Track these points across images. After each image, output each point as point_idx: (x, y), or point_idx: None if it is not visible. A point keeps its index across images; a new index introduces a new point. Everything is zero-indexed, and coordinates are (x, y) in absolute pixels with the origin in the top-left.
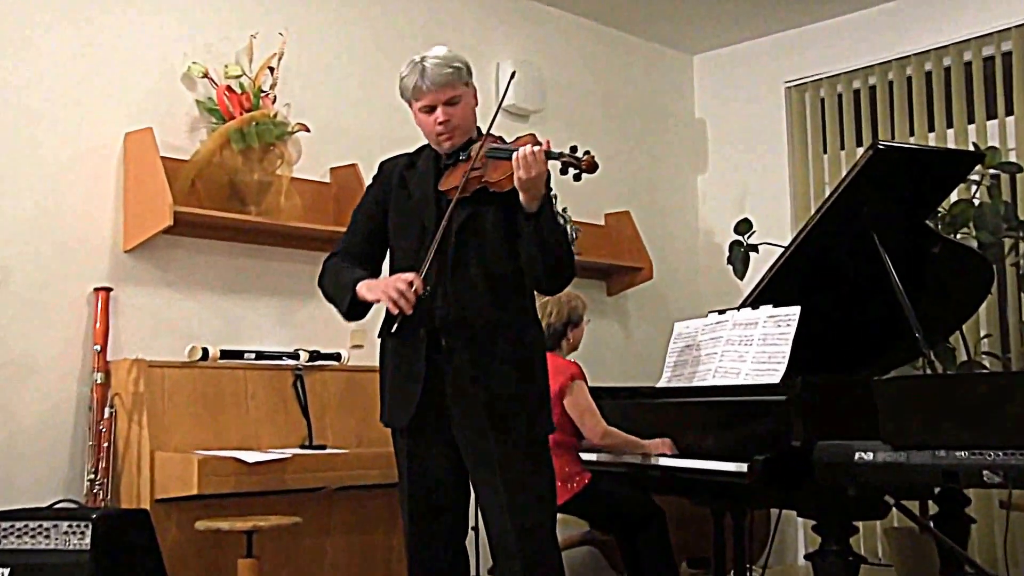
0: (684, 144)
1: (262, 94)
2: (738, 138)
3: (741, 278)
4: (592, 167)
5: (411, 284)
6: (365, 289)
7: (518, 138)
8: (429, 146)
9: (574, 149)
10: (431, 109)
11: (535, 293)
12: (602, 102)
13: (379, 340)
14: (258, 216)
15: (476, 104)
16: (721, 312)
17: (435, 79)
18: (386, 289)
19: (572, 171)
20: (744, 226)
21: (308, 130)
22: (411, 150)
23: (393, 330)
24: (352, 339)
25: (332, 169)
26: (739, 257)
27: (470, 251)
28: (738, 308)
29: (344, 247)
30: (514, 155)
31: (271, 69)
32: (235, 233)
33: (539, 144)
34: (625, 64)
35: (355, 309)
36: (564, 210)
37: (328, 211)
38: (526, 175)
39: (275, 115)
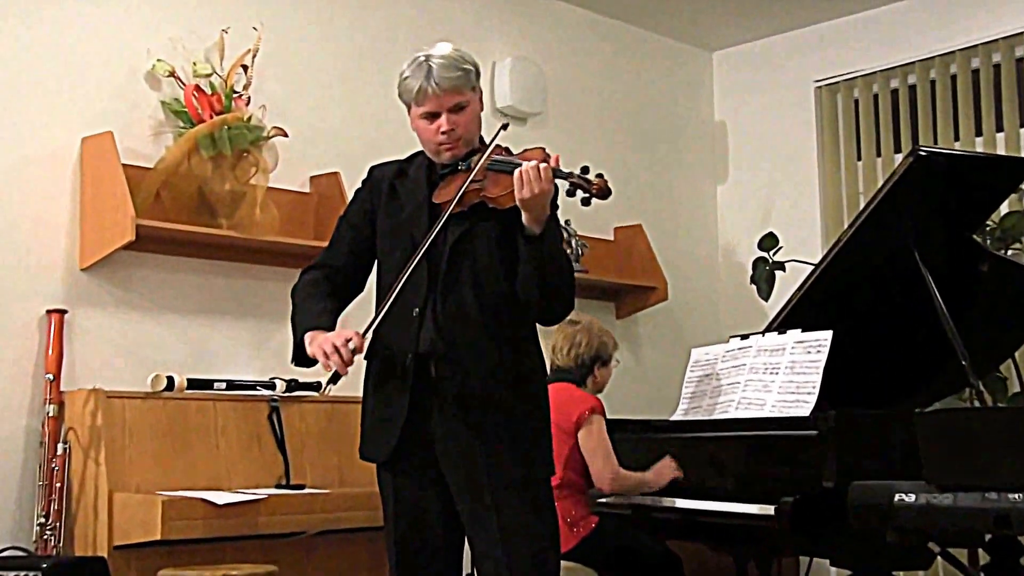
0: (702, 150)
1: (235, 95)
2: (762, 143)
3: (766, 299)
4: (604, 193)
5: (348, 341)
6: (308, 341)
7: (525, 151)
8: (423, 153)
9: (585, 170)
10: (434, 116)
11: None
12: (610, 104)
13: (364, 365)
14: (230, 230)
15: (482, 109)
16: (744, 337)
17: (443, 82)
18: (322, 345)
19: (581, 194)
20: (769, 241)
21: (286, 135)
22: (401, 157)
23: (323, 387)
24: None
25: (312, 178)
26: (764, 276)
27: (463, 271)
28: (763, 333)
29: (325, 259)
30: (516, 171)
31: (245, 67)
32: (204, 249)
33: (547, 160)
34: (635, 62)
35: (301, 358)
36: (568, 223)
37: (308, 224)
38: (528, 194)
39: (249, 118)
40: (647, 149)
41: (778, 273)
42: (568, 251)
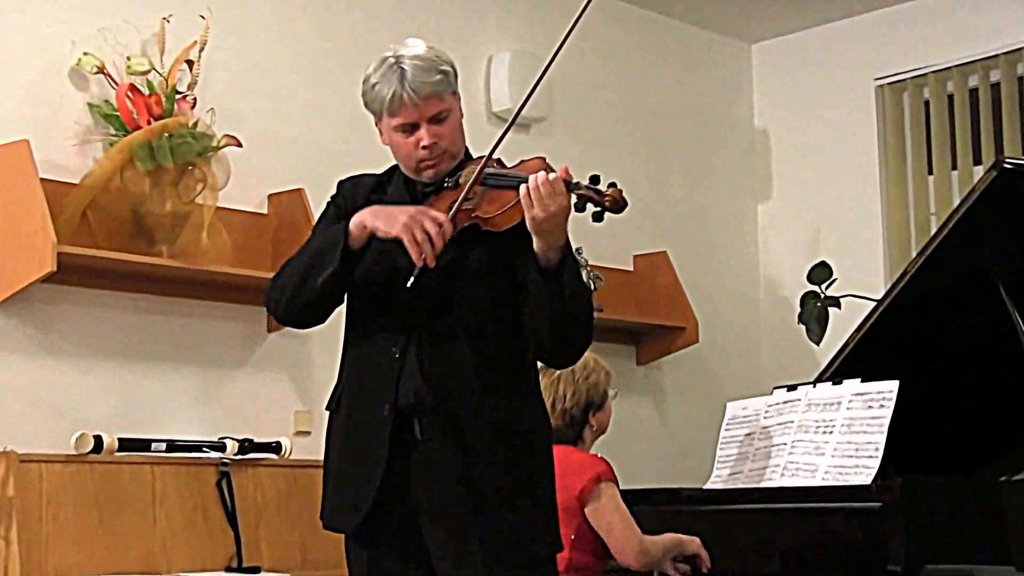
0: (740, 163)
1: (177, 96)
2: (812, 154)
3: (818, 342)
4: (618, 205)
5: (441, 226)
6: (372, 217)
7: (522, 162)
8: (400, 171)
9: (595, 180)
10: (411, 128)
11: (538, 364)
12: (628, 107)
13: (327, 417)
14: (171, 259)
15: (462, 117)
16: (791, 388)
17: (421, 88)
18: (411, 225)
19: (591, 208)
20: (821, 272)
21: (239, 144)
22: (377, 171)
23: (408, 284)
24: (296, 423)
25: (271, 196)
26: (815, 314)
27: (454, 306)
28: (814, 383)
29: (302, 251)
30: (524, 186)
31: (190, 62)
32: (140, 282)
33: (550, 169)
34: (659, 56)
35: (350, 256)
36: (579, 251)
37: (265, 251)
38: (542, 212)
39: (195, 124)
40: (674, 161)
41: (832, 311)
42: None
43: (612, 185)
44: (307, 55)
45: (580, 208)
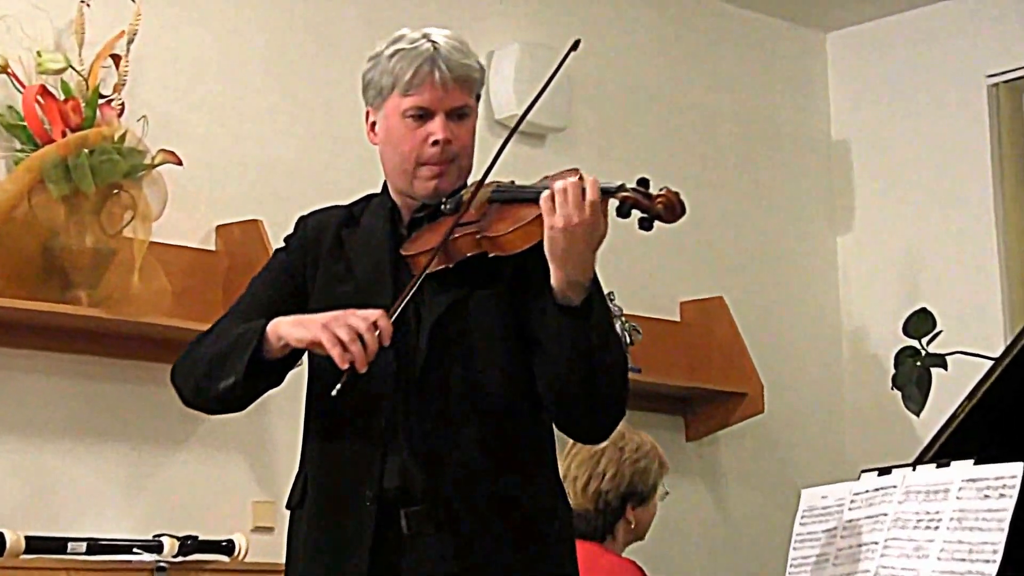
0: (813, 183)
1: (101, 101)
2: (906, 171)
3: (918, 412)
4: (673, 210)
5: (374, 325)
6: (290, 325)
7: (545, 178)
8: (381, 195)
9: (644, 183)
10: (424, 116)
11: (554, 434)
12: (670, 114)
13: (289, 515)
14: (93, 308)
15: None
16: (884, 472)
17: (454, 66)
18: (331, 325)
19: (637, 214)
20: (921, 323)
21: (179, 162)
22: (348, 193)
23: (334, 392)
24: (254, 516)
25: (220, 228)
26: (913, 376)
27: (451, 366)
28: (913, 465)
29: (223, 326)
30: (543, 194)
31: (116, 59)
32: (54, 336)
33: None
34: (709, 49)
35: (259, 368)
36: (610, 296)
37: (213, 298)
38: (563, 223)
39: (122, 137)
40: (729, 183)
41: (936, 372)
42: None
43: (664, 188)
44: (267, 50)
45: (624, 212)
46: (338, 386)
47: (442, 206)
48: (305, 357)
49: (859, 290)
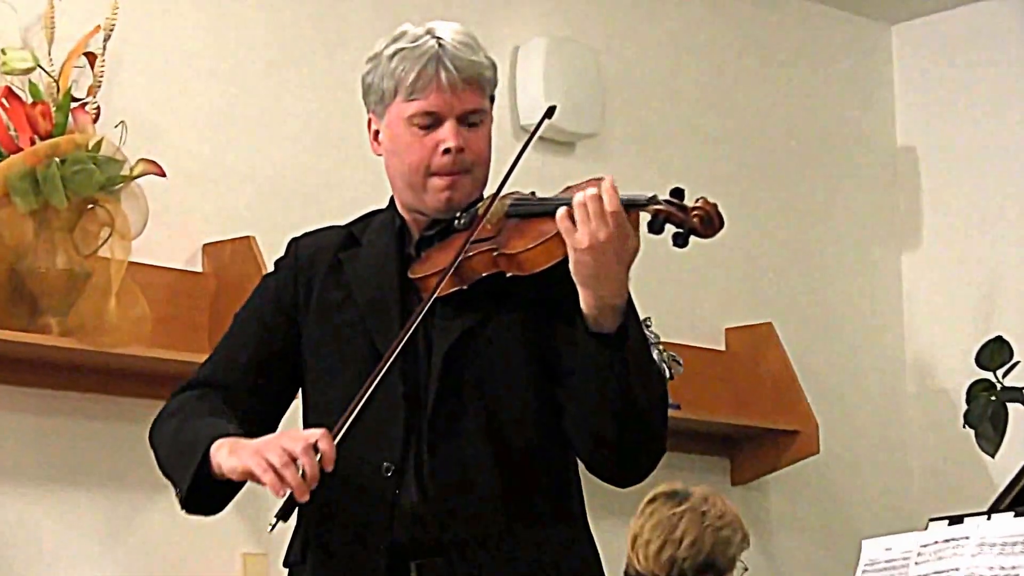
0: (875, 196)
1: (74, 105)
2: (980, 181)
3: (992, 453)
4: (710, 223)
5: (313, 447)
6: (226, 452)
7: (569, 188)
8: (385, 211)
9: (678, 194)
10: (433, 122)
11: (580, 476)
12: (713, 120)
13: (287, 572)
14: (65, 337)
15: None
16: (955, 521)
17: (462, 66)
18: (263, 451)
19: (671, 228)
20: (996, 352)
21: (162, 173)
22: (346, 217)
23: (271, 524)
24: (245, 570)
25: (208, 247)
26: (988, 412)
27: (468, 400)
28: (988, 513)
29: (208, 375)
30: (560, 210)
31: (91, 58)
32: (20, 369)
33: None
34: (757, 44)
35: (202, 490)
36: (647, 323)
37: (199, 326)
38: (588, 239)
39: (98, 145)
40: (781, 195)
41: (1013, 407)
42: None
43: (700, 198)
44: (263, 47)
45: (657, 228)
46: (272, 520)
47: (455, 221)
48: (299, 398)
49: (926, 315)
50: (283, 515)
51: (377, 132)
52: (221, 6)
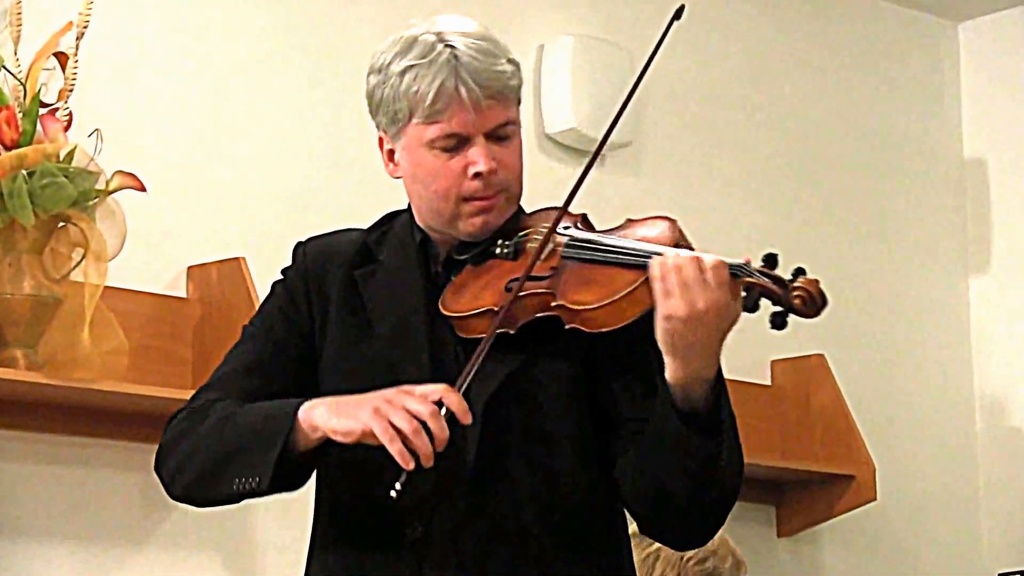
0: (940, 213)
1: (43, 111)
2: None
3: None
4: (813, 304)
5: (438, 405)
6: (328, 411)
7: (629, 221)
8: (402, 216)
9: (771, 261)
10: (458, 144)
11: (627, 530)
12: (759, 129)
13: None
14: (33, 371)
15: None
16: None
17: (485, 80)
18: (385, 411)
19: (771, 306)
20: None
21: (142, 187)
22: (357, 225)
23: (393, 493)
24: None
25: (192, 269)
26: None
27: (512, 456)
28: None
29: (217, 396)
30: (656, 264)
31: (62, 58)
32: None
33: (684, 239)
34: (807, 44)
35: (290, 466)
36: None
37: (182, 358)
38: (686, 309)
39: (70, 155)
40: (835, 212)
41: None
42: None
43: (800, 272)
44: (254, 48)
45: (751, 306)
46: (397, 486)
47: (497, 249)
48: (326, 378)
49: (997, 346)
50: (405, 487)
51: (392, 152)
52: (209, 5)
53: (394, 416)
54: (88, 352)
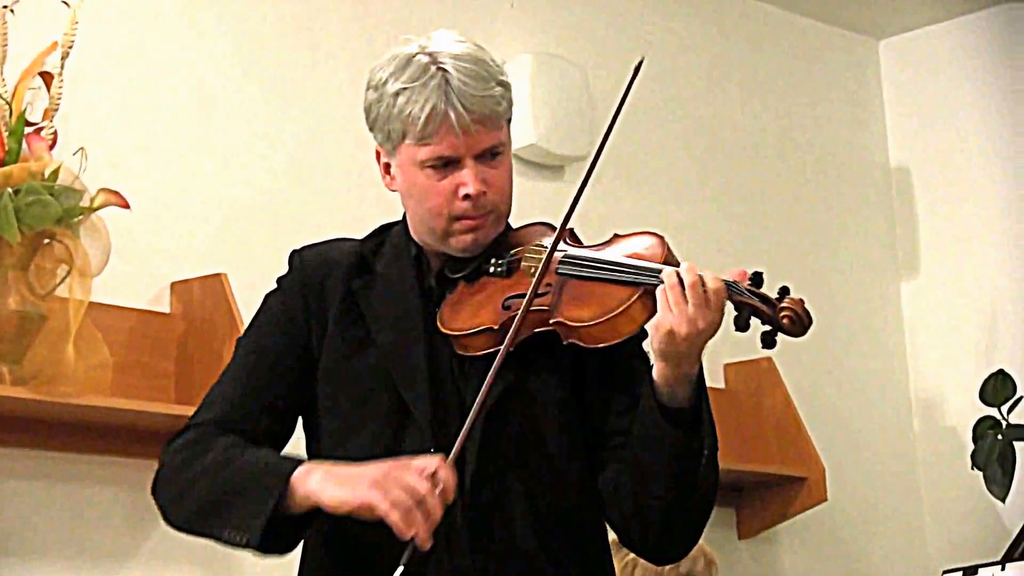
0: (871, 220)
1: (28, 130)
2: (979, 203)
3: (1002, 497)
4: (800, 323)
5: (433, 479)
6: (325, 479)
7: (616, 236)
8: (397, 228)
9: (757, 280)
10: (449, 165)
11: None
12: (705, 140)
13: None
14: (18, 387)
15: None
16: (969, 572)
17: (474, 104)
18: (384, 484)
19: (760, 326)
20: (1000, 387)
21: (126, 204)
22: (350, 236)
23: (401, 568)
24: None
25: (176, 285)
26: (994, 453)
27: (509, 468)
28: (1002, 563)
29: (216, 415)
30: (665, 284)
31: (46, 77)
32: None
33: (671, 255)
34: (748, 60)
35: (280, 529)
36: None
37: (166, 372)
38: (688, 328)
39: (55, 173)
40: (775, 220)
41: (1021, 446)
42: None
43: (785, 291)
44: (234, 69)
45: (743, 325)
46: (400, 569)
47: (491, 268)
48: (323, 393)
49: (930, 347)
50: (409, 562)
51: (388, 165)
52: (190, 22)
53: (393, 490)
54: (73, 367)
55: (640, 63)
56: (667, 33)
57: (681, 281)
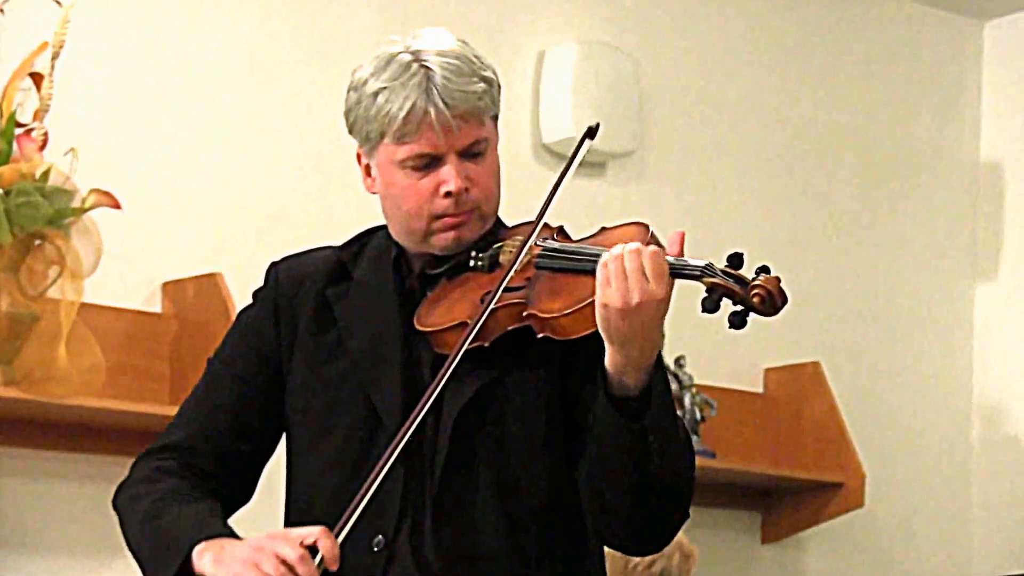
0: (950, 219)
1: (18, 131)
2: None
3: None
4: (771, 302)
5: (309, 547)
6: (211, 560)
7: (604, 229)
8: (379, 233)
9: (735, 261)
10: (430, 163)
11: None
12: (766, 135)
13: None
14: (9, 388)
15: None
16: None
17: (455, 100)
18: (255, 560)
19: (730, 305)
20: None
21: (117, 205)
22: (331, 243)
23: None
24: None
25: (167, 285)
26: None
27: (479, 464)
28: None
29: (181, 439)
30: (600, 264)
31: (37, 78)
32: None
33: (655, 243)
34: (818, 47)
35: None
36: (680, 362)
37: (159, 374)
38: (620, 301)
39: (46, 174)
40: (838, 217)
41: None
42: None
43: (764, 270)
44: (227, 66)
45: (711, 307)
46: None
47: (471, 261)
48: (284, 449)
49: (999, 355)
50: None
51: (368, 167)
52: (182, 20)
53: (264, 564)
54: (65, 368)
55: (593, 128)
56: (730, 18)
57: (622, 257)
